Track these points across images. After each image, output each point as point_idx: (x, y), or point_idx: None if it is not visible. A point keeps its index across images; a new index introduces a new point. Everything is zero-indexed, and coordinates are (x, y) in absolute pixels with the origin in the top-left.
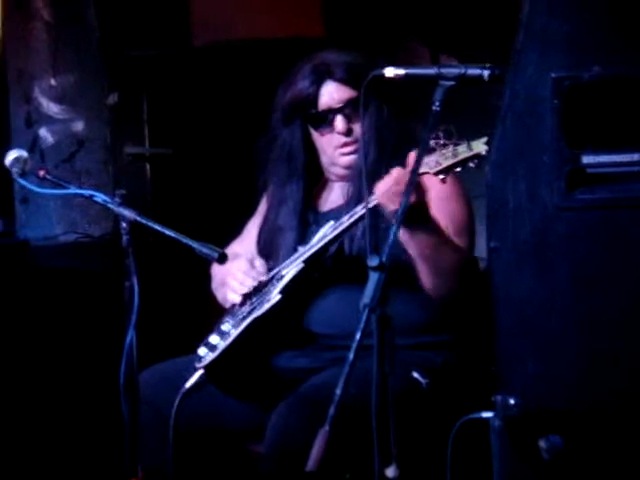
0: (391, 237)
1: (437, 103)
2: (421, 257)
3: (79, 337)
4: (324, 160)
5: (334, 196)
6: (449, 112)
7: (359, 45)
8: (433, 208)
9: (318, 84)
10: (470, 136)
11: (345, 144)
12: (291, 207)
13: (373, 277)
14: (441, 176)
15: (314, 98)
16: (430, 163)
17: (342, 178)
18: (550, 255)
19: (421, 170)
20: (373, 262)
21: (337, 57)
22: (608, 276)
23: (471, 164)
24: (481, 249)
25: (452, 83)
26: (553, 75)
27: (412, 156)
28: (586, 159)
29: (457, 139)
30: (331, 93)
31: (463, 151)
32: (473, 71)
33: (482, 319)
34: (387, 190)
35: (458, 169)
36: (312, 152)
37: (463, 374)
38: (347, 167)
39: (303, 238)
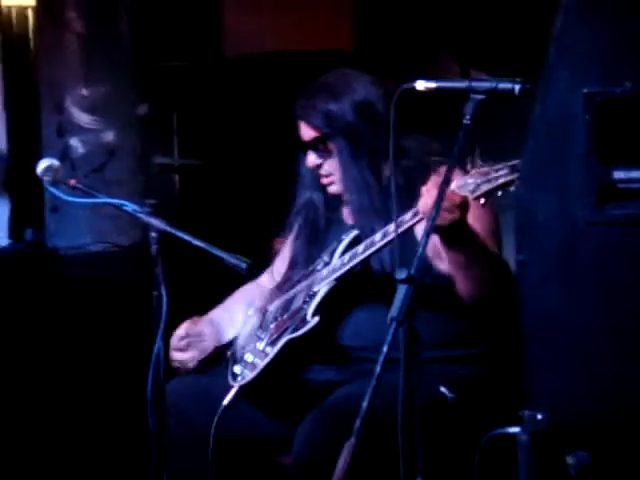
0: (420, 250)
1: (468, 117)
2: (460, 268)
3: (107, 346)
4: None
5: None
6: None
7: (388, 59)
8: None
9: (296, 119)
10: (493, 153)
11: (321, 175)
12: (315, 215)
13: (401, 290)
14: (481, 200)
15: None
16: (469, 186)
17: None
18: (579, 270)
19: (461, 192)
20: (401, 275)
21: (306, 98)
22: (636, 291)
23: (511, 188)
24: (510, 262)
25: (483, 97)
26: (585, 90)
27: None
28: (617, 174)
29: (494, 162)
30: (301, 129)
31: (504, 174)
32: (504, 85)
33: (510, 333)
34: (433, 205)
35: (499, 193)
36: None
37: (490, 388)
38: (336, 194)
39: (324, 246)
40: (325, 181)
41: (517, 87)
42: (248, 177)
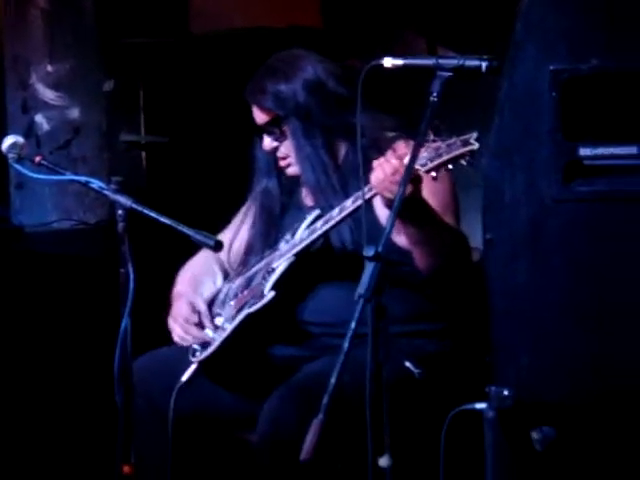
0: (388, 228)
1: (435, 94)
2: (416, 243)
3: (73, 324)
4: None
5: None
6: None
7: (356, 36)
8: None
9: (249, 103)
10: (458, 130)
11: (279, 158)
12: (272, 197)
13: (369, 267)
14: (433, 174)
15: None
16: (421, 160)
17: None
18: (546, 247)
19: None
20: (369, 252)
21: (261, 81)
22: (603, 269)
23: (463, 161)
24: (477, 240)
25: (450, 74)
26: (551, 67)
27: (401, 146)
28: (583, 151)
29: (447, 135)
30: (255, 113)
31: (455, 148)
32: (471, 62)
33: (476, 309)
34: (384, 179)
35: (450, 166)
36: None
37: (457, 364)
38: (294, 176)
39: (286, 228)
40: (282, 163)
41: (484, 64)
42: (215, 154)
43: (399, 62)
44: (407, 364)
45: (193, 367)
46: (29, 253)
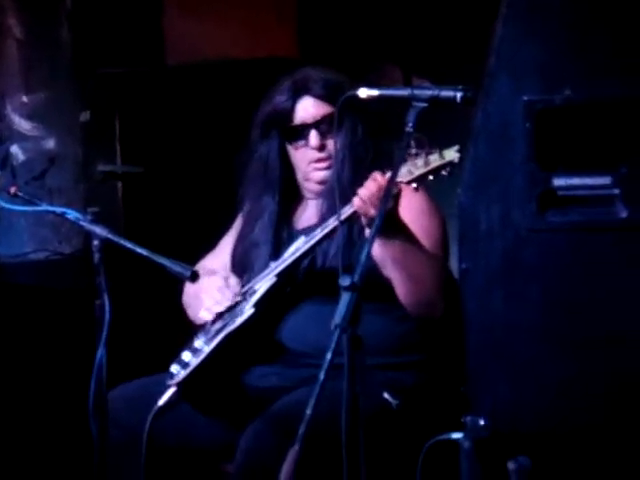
0: (364, 252)
1: (410, 124)
2: (395, 264)
3: (49, 355)
4: (299, 175)
5: (309, 214)
6: (422, 122)
7: (332, 66)
8: (408, 223)
9: (295, 99)
10: (443, 145)
11: (318, 159)
12: (266, 221)
13: (345, 297)
14: (413, 185)
15: (290, 112)
16: (402, 172)
17: (316, 194)
18: (521, 277)
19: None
20: (345, 282)
21: (316, 73)
22: (578, 299)
23: (444, 172)
24: (453, 270)
25: (425, 105)
26: (525, 98)
27: (380, 173)
28: (557, 181)
29: (429, 148)
30: (307, 108)
31: (435, 159)
32: (446, 93)
33: (453, 340)
34: (370, 195)
35: (430, 177)
36: (288, 167)
37: (433, 395)
38: (320, 182)
39: (276, 254)
40: (319, 166)
41: (459, 95)
42: (191, 183)
43: (374, 92)
44: (385, 395)
45: (171, 391)
46: (4, 285)
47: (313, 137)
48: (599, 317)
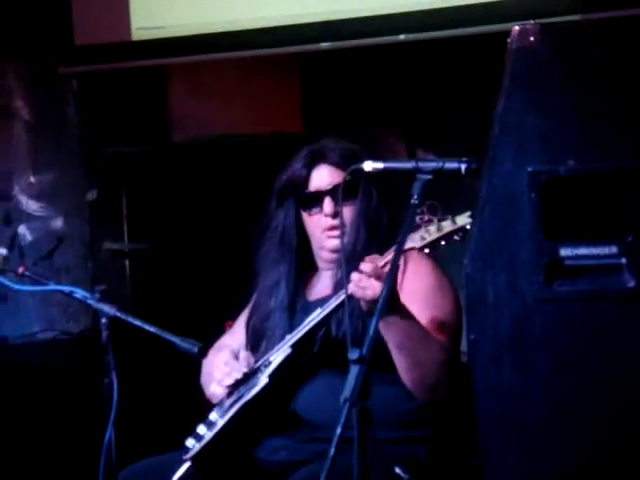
0: (371, 329)
1: (415, 196)
2: (398, 348)
3: (58, 435)
4: (314, 244)
5: (323, 285)
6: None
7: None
8: (420, 300)
9: (311, 167)
10: (455, 211)
11: (332, 227)
12: (281, 291)
13: (354, 370)
14: (426, 250)
15: (305, 180)
16: (415, 238)
17: (330, 263)
18: (529, 347)
19: (407, 246)
20: (353, 355)
21: (332, 143)
22: (586, 368)
23: (456, 237)
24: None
25: (430, 177)
26: (529, 169)
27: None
28: (564, 251)
29: (441, 214)
30: (322, 176)
31: (447, 225)
32: (450, 165)
33: (464, 413)
34: (359, 280)
35: (443, 243)
36: (304, 236)
37: (446, 469)
38: (333, 251)
39: (291, 326)
40: (333, 233)
41: (463, 167)
42: (198, 260)
43: (379, 166)
44: (397, 470)
45: (185, 465)
46: (13, 365)
47: (327, 204)
48: (606, 386)
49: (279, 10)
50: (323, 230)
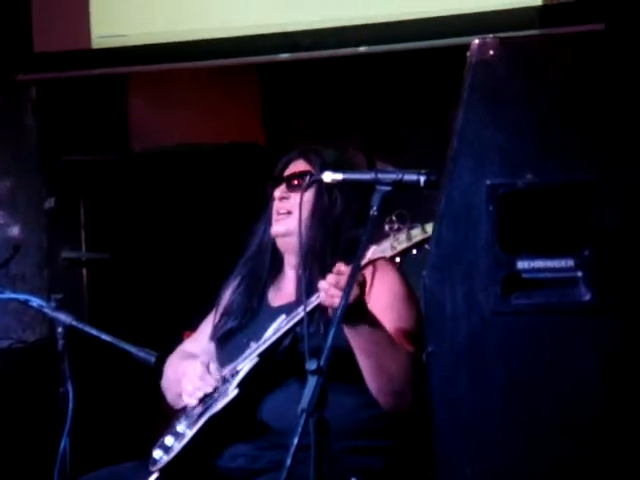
0: (329, 340)
1: (374, 208)
2: (366, 354)
3: (13, 444)
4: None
5: (286, 290)
6: (401, 196)
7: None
8: (384, 308)
9: (289, 161)
10: (424, 220)
11: (277, 211)
12: (246, 296)
13: (311, 381)
14: (397, 259)
15: (282, 171)
16: (385, 247)
17: (290, 258)
18: (486, 359)
19: (376, 255)
20: (311, 366)
21: (318, 146)
22: (543, 381)
23: (426, 246)
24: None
25: (389, 188)
26: (488, 182)
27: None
28: (521, 264)
29: (411, 223)
30: (292, 168)
31: (417, 234)
32: (409, 177)
33: (422, 425)
34: (327, 289)
35: (414, 251)
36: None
37: (402, 479)
38: (276, 235)
39: (255, 332)
40: (278, 217)
41: (422, 179)
42: (156, 270)
43: (338, 177)
44: None
45: (153, 477)
46: None
47: (279, 189)
48: (563, 398)
49: (239, 21)
50: (274, 217)
